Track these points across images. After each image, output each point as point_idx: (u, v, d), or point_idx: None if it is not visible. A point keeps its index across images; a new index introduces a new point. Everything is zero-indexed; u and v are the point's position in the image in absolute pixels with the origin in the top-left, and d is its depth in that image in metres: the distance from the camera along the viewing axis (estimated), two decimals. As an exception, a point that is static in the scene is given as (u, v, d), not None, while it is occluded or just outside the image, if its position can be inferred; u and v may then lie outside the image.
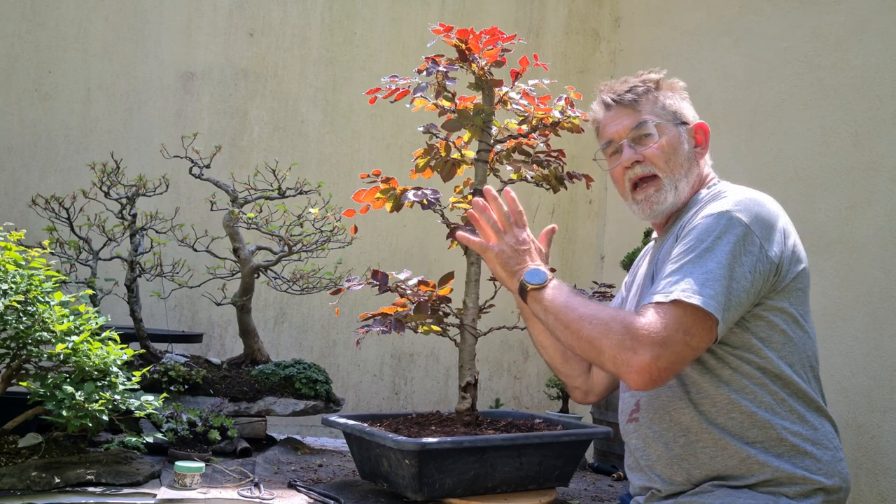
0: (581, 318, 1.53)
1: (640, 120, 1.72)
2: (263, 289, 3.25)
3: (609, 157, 1.79)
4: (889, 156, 3.05)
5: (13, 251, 2.01)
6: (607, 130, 1.78)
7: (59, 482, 1.90)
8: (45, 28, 3.46)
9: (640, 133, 1.72)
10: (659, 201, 1.71)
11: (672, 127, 1.73)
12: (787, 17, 3.47)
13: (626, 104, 1.75)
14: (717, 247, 1.50)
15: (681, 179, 1.72)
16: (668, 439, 1.62)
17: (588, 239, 4.52)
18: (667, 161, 1.71)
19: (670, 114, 1.75)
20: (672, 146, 1.71)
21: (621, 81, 1.80)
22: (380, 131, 4.02)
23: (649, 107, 1.74)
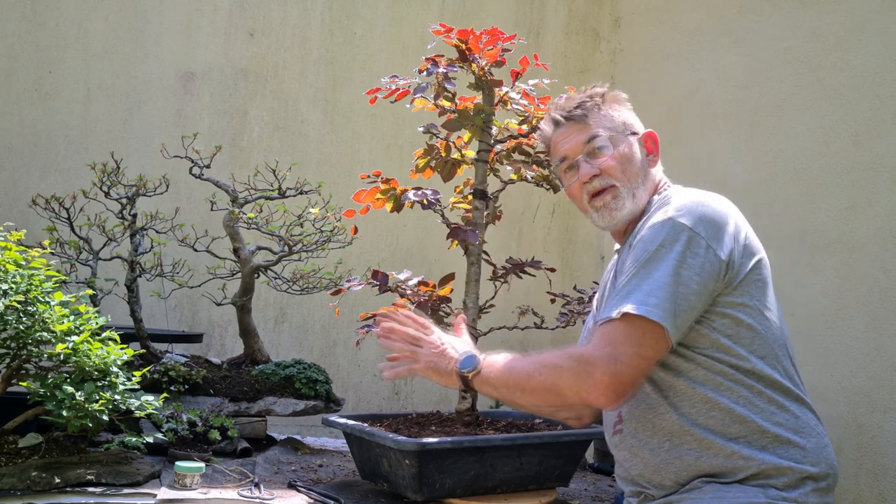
0: (530, 375, 1.58)
1: (592, 133, 1.74)
2: (263, 289, 3.25)
3: (564, 173, 1.81)
4: (889, 156, 3.05)
5: (13, 251, 2.01)
6: (560, 148, 1.79)
7: (59, 482, 1.90)
8: (46, 28, 3.46)
9: (594, 146, 1.74)
10: (617, 208, 1.73)
11: (623, 137, 1.76)
12: (787, 17, 3.47)
13: (575, 120, 1.76)
14: (662, 255, 1.54)
15: (638, 187, 1.74)
16: (652, 446, 1.63)
17: (588, 239, 4.52)
18: (623, 171, 1.73)
19: (620, 125, 1.77)
20: (626, 156, 1.74)
21: (567, 98, 1.82)
22: (380, 131, 4.02)
23: (599, 120, 1.76)
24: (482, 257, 2.29)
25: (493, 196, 2.34)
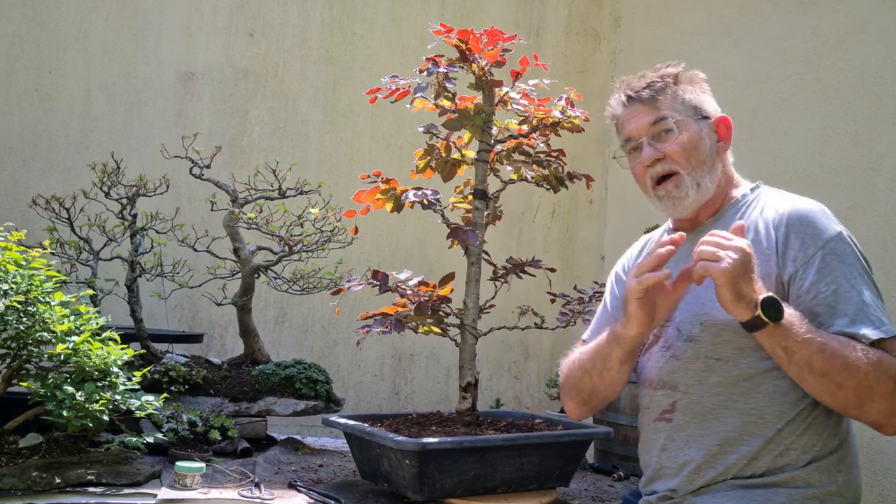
0: (847, 368, 1.44)
1: (659, 116, 1.68)
2: (264, 289, 3.25)
3: (629, 154, 1.75)
4: (889, 156, 3.05)
5: (14, 251, 2.01)
6: (626, 127, 1.73)
7: (59, 482, 1.90)
8: (46, 28, 3.46)
9: (660, 129, 1.68)
10: (680, 197, 1.67)
11: (692, 122, 1.69)
12: (787, 17, 3.47)
13: (644, 100, 1.71)
14: (860, 269, 1.54)
15: (704, 176, 1.68)
16: (700, 446, 1.60)
17: (588, 239, 4.52)
18: (688, 158, 1.66)
19: (690, 108, 1.70)
20: (693, 142, 1.67)
21: (639, 77, 1.76)
22: (380, 131, 4.02)
23: (668, 102, 1.69)
24: (482, 257, 2.29)
25: (494, 196, 2.34)
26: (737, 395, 1.57)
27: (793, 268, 1.54)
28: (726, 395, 1.57)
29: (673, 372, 1.65)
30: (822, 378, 1.45)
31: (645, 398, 1.74)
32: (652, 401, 1.70)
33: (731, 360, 1.57)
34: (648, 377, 1.72)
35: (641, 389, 1.76)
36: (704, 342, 1.60)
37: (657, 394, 1.69)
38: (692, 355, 1.62)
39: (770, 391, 1.55)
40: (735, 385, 1.57)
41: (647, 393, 1.72)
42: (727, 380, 1.58)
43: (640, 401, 1.76)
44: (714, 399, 1.59)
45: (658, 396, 1.68)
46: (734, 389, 1.57)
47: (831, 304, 1.49)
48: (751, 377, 1.56)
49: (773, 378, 1.54)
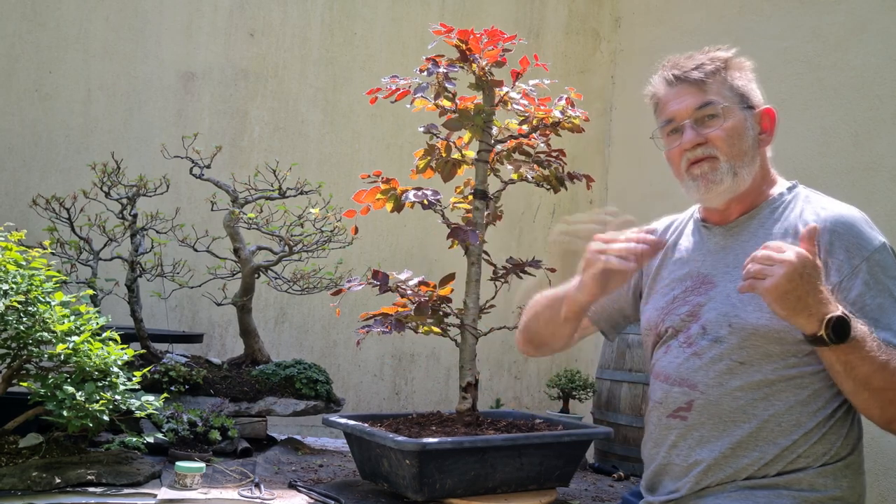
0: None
1: (706, 100, 1.63)
2: (264, 289, 3.25)
3: (667, 136, 1.69)
4: (889, 156, 3.05)
5: (14, 251, 2.01)
6: (668, 108, 1.67)
7: (59, 482, 1.90)
8: (46, 28, 3.46)
9: (705, 114, 1.63)
10: (715, 180, 1.62)
11: (738, 110, 1.63)
12: (787, 17, 3.47)
13: (691, 82, 1.64)
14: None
15: (743, 166, 1.63)
16: (714, 447, 1.58)
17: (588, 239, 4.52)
18: (730, 145, 1.61)
19: (737, 96, 1.65)
20: (737, 130, 1.62)
21: (687, 57, 1.70)
22: (380, 131, 4.02)
23: (716, 87, 1.63)
24: (482, 257, 2.29)
25: (494, 196, 2.34)
26: (757, 400, 1.55)
27: (837, 277, 1.50)
28: (746, 399, 1.55)
29: (693, 370, 1.62)
30: (878, 393, 1.44)
31: (658, 392, 1.70)
32: (667, 396, 1.66)
33: (755, 364, 1.55)
34: (664, 372, 1.68)
35: (654, 383, 1.72)
36: (730, 344, 1.57)
37: (673, 390, 1.65)
38: (715, 356, 1.59)
39: (790, 400, 1.53)
40: (756, 391, 1.55)
41: (662, 388, 1.68)
42: (749, 384, 1.55)
43: (651, 394, 1.73)
44: (733, 403, 1.56)
45: (674, 393, 1.65)
46: (755, 395, 1.55)
47: (876, 317, 1.47)
48: (773, 384, 1.54)
49: (795, 387, 1.53)
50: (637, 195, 4.29)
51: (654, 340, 1.74)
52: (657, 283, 1.78)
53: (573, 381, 3.16)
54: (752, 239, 1.62)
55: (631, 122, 4.36)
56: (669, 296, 1.71)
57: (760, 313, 1.53)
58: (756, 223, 1.64)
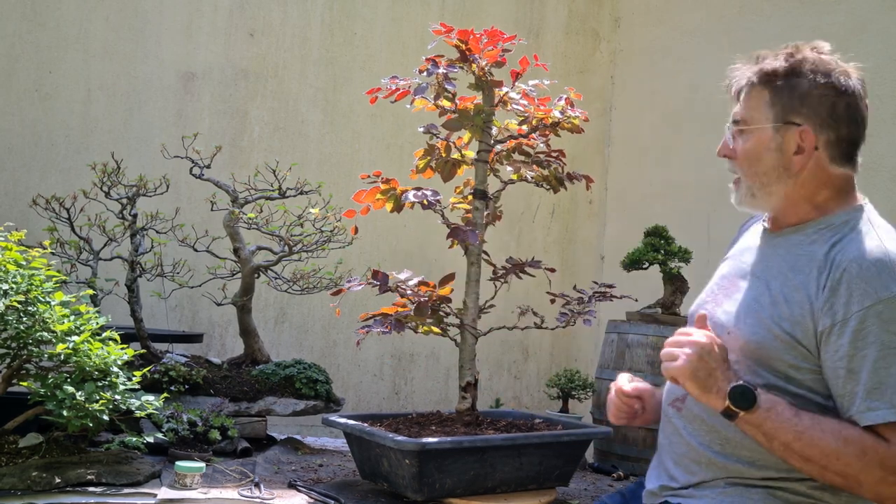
0: (826, 453, 1.41)
1: (741, 117, 1.61)
2: (264, 289, 3.25)
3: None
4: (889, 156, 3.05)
5: (14, 251, 2.01)
6: (735, 102, 1.65)
7: (59, 482, 1.90)
8: (46, 28, 3.46)
9: (738, 129, 1.61)
10: (738, 200, 1.64)
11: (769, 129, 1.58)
12: (787, 17, 3.47)
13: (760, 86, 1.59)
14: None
15: (763, 187, 1.59)
16: (703, 441, 1.58)
17: (588, 239, 4.52)
18: (749, 165, 1.60)
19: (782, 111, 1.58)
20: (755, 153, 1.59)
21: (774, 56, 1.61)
22: (380, 131, 4.02)
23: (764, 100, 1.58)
24: (482, 257, 2.30)
25: (493, 196, 2.34)
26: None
27: (829, 320, 1.45)
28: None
29: None
30: (806, 462, 1.44)
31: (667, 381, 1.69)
32: (670, 385, 1.67)
33: (748, 374, 1.52)
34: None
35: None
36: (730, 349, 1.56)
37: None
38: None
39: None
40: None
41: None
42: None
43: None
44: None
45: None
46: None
47: (853, 367, 1.43)
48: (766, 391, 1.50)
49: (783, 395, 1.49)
50: (637, 195, 4.29)
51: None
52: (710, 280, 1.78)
53: (573, 381, 3.16)
54: (785, 255, 1.59)
55: (631, 123, 4.36)
56: (710, 292, 1.72)
57: (757, 329, 1.52)
58: (795, 239, 1.59)
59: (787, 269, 1.56)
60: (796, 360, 1.49)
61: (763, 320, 1.52)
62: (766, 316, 1.52)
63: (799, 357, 1.49)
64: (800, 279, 1.52)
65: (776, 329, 1.50)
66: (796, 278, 1.52)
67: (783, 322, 1.50)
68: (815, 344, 1.48)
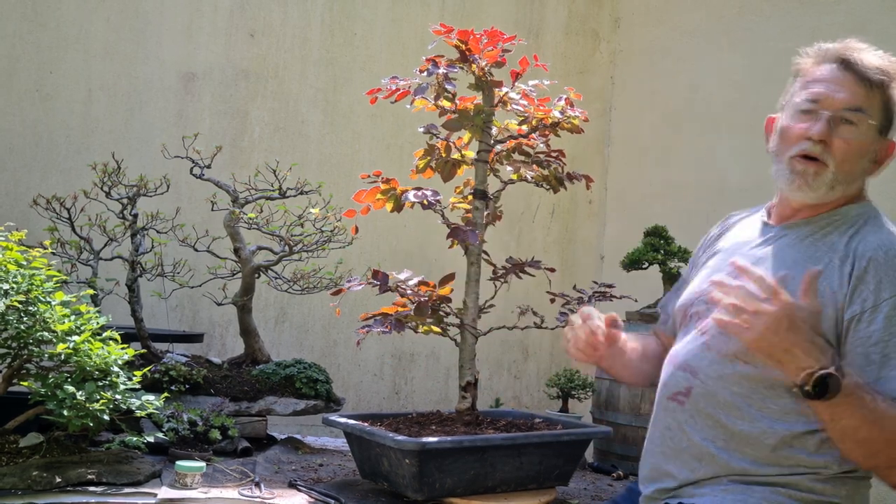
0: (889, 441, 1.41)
1: (860, 106, 1.53)
2: (264, 289, 3.25)
3: (798, 112, 1.58)
4: (888, 156, 3.05)
5: (14, 251, 2.01)
6: (820, 88, 1.56)
7: (60, 482, 1.90)
8: (46, 29, 3.46)
9: (850, 119, 1.53)
10: (812, 187, 1.55)
11: (874, 132, 1.55)
12: (786, 18, 3.47)
13: (865, 79, 1.53)
14: None
15: (843, 183, 1.57)
16: (706, 436, 1.56)
17: (588, 239, 4.53)
18: (844, 160, 1.54)
19: (887, 118, 1.56)
20: (861, 150, 1.55)
21: (868, 51, 1.57)
22: (380, 132, 4.02)
23: (876, 98, 1.54)
24: (482, 257, 2.30)
25: (493, 196, 2.35)
26: (752, 399, 1.53)
27: (859, 307, 1.46)
28: (742, 396, 1.53)
29: (700, 359, 1.60)
30: (861, 444, 1.43)
31: (665, 374, 1.68)
32: (670, 378, 1.66)
33: (759, 367, 1.51)
34: (676, 354, 1.67)
35: (666, 365, 1.71)
36: (740, 343, 1.52)
37: (677, 373, 1.64)
38: (723, 350, 1.57)
39: (786, 406, 1.51)
40: (755, 390, 1.53)
41: (669, 370, 1.67)
42: (749, 382, 1.53)
43: (662, 374, 1.72)
44: (730, 397, 1.54)
45: (677, 376, 1.64)
46: (753, 394, 1.53)
47: (888, 353, 1.43)
48: (773, 386, 1.51)
49: (795, 395, 1.48)
50: (636, 195, 4.29)
51: (682, 320, 1.73)
52: (703, 269, 1.77)
53: (572, 381, 3.16)
54: (797, 244, 1.59)
55: (631, 123, 4.36)
56: (706, 282, 1.68)
57: None
58: (808, 230, 1.59)
59: (805, 259, 1.55)
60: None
61: None
62: None
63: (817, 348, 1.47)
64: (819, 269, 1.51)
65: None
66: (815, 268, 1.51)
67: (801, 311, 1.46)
68: (835, 333, 1.48)
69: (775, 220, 1.68)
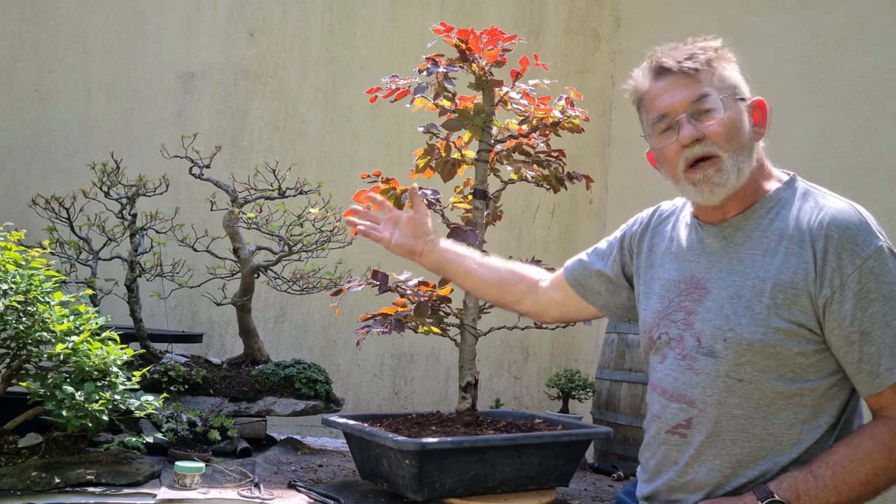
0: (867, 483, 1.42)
1: (702, 92, 1.52)
2: (263, 289, 3.25)
3: (659, 133, 1.57)
4: (888, 155, 3.05)
5: (13, 251, 2.01)
6: (659, 102, 1.55)
7: (59, 482, 1.90)
8: (46, 28, 3.46)
9: (702, 108, 1.52)
10: (720, 183, 1.51)
11: (733, 101, 1.53)
12: (786, 18, 3.47)
13: (684, 73, 1.53)
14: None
15: (744, 161, 1.53)
16: (713, 466, 1.54)
17: (588, 239, 4.52)
18: (730, 140, 1.51)
19: (730, 87, 1.55)
20: (734, 123, 1.52)
21: (673, 48, 1.57)
22: (380, 131, 4.02)
23: (710, 77, 1.53)
24: (482, 257, 2.29)
25: (494, 196, 2.34)
26: (756, 419, 1.50)
27: (829, 290, 1.45)
28: (745, 418, 1.51)
29: (691, 387, 1.56)
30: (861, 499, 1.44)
31: (656, 406, 1.64)
32: (665, 411, 1.61)
33: (753, 382, 1.49)
34: (661, 385, 1.62)
35: (652, 395, 1.66)
36: (727, 360, 1.51)
37: (671, 405, 1.59)
38: (712, 372, 1.53)
39: (790, 418, 1.49)
40: (755, 409, 1.50)
41: (660, 402, 1.62)
42: (748, 402, 1.50)
43: (649, 406, 1.68)
44: (732, 421, 1.52)
45: (672, 409, 1.59)
46: (754, 413, 1.50)
47: (866, 329, 1.43)
48: (772, 401, 1.49)
49: (795, 404, 1.49)
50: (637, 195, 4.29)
51: (649, 344, 1.69)
52: (654, 283, 1.71)
53: (573, 381, 3.16)
54: (746, 241, 1.56)
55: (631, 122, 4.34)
56: (665, 299, 1.65)
57: (756, 328, 1.48)
58: (751, 224, 1.57)
59: (760, 254, 1.53)
60: (801, 346, 1.47)
61: (758, 316, 1.48)
62: (761, 310, 1.48)
63: (803, 341, 1.47)
64: (780, 260, 1.50)
65: (776, 321, 1.47)
66: (775, 260, 1.50)
67: (780, 309, 1.47)
68: (816, 320, 1.47)
69: (711, 220, 1.63)
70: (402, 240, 1.89)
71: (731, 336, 1.51)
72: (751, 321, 1.49)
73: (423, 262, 1.92)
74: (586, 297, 1.88)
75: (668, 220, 1.77)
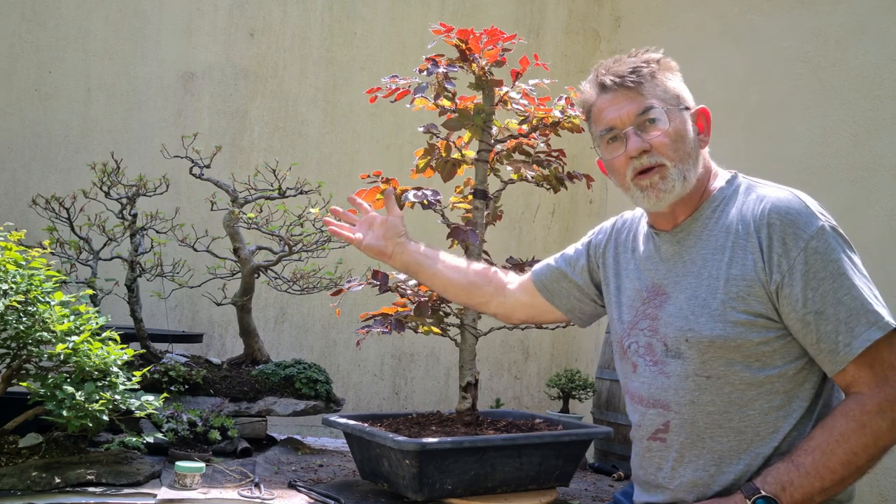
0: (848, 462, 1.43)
1: (646, 105, 1.57)
2: (264, 289, 3.25)
3: (607, 144, 1.63)
4: (889, 155, 3.05)
5: (13, 251, 2.01)
6: (606, 116, 1.61)
7: (59, 482, 1.90)
8: (46, 28, 3.46)
9: (647, 119, 1.57)
10: (666, 189, 1.57)
11: (677, 111, 1.59)
12: (787, 17, 3.47)
13: (627, 87, 1.58)
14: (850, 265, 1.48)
15: (689, 168, 1.58)
16: (697, 466, 1.55)
17: (588, 239, 4.52)
18: (675, 149, 1.57)
19: (674, 97, 1.60)
20: (679, 133, 1.58)
21: (616, 61, 1.63)
22: (380, 131, 4.02)
23: (653, 89, 1.58)
24: (482, 257, 2.29)
25: (494, 196, 2.34)
26: (731, 413, 1.52)
27: (778, 275, 1.48)
28: (719, 413, 1.53)
29: (663, 390, 1.59)
30: (847, 480, 1.45)
31: (635, 415, 1.67)
32: (644, 419, 1.64)
33: (721, 376, 1.52)
34: (637, 394, 1.65)
35: (631, 405, 1.69)
36: (693, 360, 1.54)
37: (649, 412, 1.62)
38: (681, 373, 1.56)
39: (764, 407, 1.51)
40: (729, 404, 1.53)
41: (638, 410, 1.65)
42: (720, 398, 1.53)
43: (630, 417, 1.70)
44: (708, 418, 1.54)
45: (650, 415, 1.62)
46: (728, 408, 1.53)
47: (819, 309, 1.46)
48: (744, 392, 1.51)
49: (767, 392, 1.51)
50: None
51: (620, 354, 1.72)
52: (622, 294, 1.75)
53: (573, 381, 3.16)
54: (697, 243, 1.60)
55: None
56: (633, 309, 1.69)
57: (714, 324, 1.51)
58: (699, 225, 1.61)
59: (710, 253, 1.57)
60: (762, 335, 1.50)
61: (715, 312, 1.51)
62: (717, 306, 1.52)
63: (763, 329, 1.50)
64: (728, 255, 1.54)
65: (733, 315, 1.50)
66: (725, 256, 1.54)
67: (735, 303, 1.50)
68: (773, 308, 1.50)
69: (665, 228, 1.68)
70: (373, 241, 1.93)
71: (692, 336, 1.54)
72: (709, 318, 1.52)
73: (393, 263, 1.95)
74: (553, 301, 1.92)
75: (629, 229, 1.83)
